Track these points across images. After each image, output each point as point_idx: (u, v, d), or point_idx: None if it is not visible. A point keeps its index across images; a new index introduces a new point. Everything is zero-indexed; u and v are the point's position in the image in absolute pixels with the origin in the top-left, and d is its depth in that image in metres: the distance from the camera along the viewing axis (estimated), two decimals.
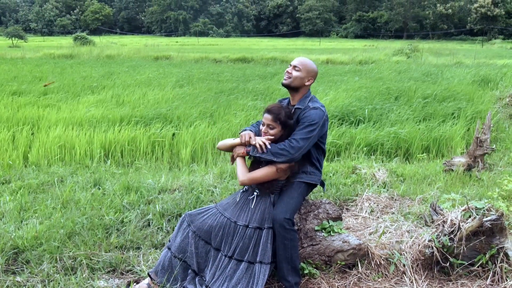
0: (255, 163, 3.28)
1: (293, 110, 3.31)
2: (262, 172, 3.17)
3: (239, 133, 3.36)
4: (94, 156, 7.06)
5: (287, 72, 3.31)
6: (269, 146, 3.13)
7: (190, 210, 4.52)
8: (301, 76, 3.27)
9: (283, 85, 3.34)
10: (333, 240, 3.44)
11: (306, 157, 3.29)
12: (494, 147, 6.44)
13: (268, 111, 3.23)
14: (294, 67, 3.29)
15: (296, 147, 3.11)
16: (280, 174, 3.19)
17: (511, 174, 5.56)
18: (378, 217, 4.45)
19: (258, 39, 75.22)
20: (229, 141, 3.38)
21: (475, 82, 14.01)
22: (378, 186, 5.33)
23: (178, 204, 4.61)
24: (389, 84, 12.52)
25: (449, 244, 3.34)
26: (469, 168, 6.05)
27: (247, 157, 3.34)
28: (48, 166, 6.64)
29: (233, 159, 3.37)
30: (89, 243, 3.80)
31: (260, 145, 3.14)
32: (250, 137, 3.22)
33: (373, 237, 3.91)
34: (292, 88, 3.33)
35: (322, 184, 3.51)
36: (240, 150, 3.27)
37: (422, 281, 3.38)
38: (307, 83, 3.31)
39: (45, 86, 7.99)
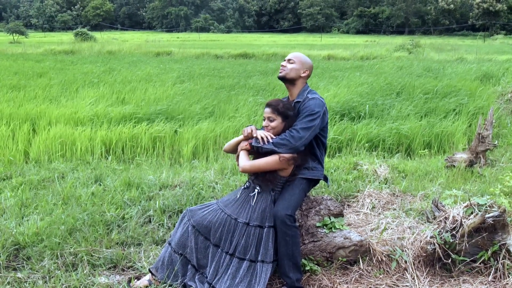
0: (258, 156, 3.27)
1: (292, 105, 3.30)
2: (264, 160, 3.16)
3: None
4: (95, 152, 7.05)
5: (282, 65, 3.33)
6: (270, 139, 3.14)
7: (191, 206, 4.52)
8: (296, 67, 3.28)
9: (279, 78, 3.34)
10: (335, 237, 3.43)
11: (307, 151, 3.28)
12: (496, 143, 6.41)
13: (267, 105, 3.27)
14: (289, 60, 3.32)
15: (297, 137, 3.11)
16: (282, 164, 3.15)
17: None
18: (379, 214, 4.44)
19: (259, 34, 74.99)
20: (233, 140, 3.38)
21: (477, 78, 13.96)
22: (379, 182, 5.31)
23: (179, 200, 4.61)
24: (390, 80, 12.48)
25: (451, 240, 3.33)
26: (471, 164, 6.03)
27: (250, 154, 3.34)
28: (49, 162, 6.64)
29: (238, 157, 3.36)
30: (90, 239, 3.80)
31: (262, 137, 3.14)
32: (251, 130, 3.24)
33: (374, 233, 3.90)
34: (288, 81, 3.32)
35: (326, 179, 3.49)
36: (244, 143, 3.28)
37: (424, 278, 3.37)
38: (302, 75, 3.31)
39: None
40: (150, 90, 11.42)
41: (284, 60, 3.36)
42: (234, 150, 3.40)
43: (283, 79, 3.33)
